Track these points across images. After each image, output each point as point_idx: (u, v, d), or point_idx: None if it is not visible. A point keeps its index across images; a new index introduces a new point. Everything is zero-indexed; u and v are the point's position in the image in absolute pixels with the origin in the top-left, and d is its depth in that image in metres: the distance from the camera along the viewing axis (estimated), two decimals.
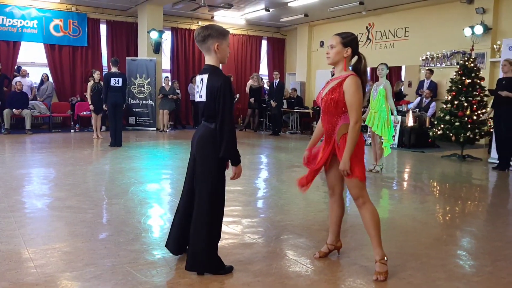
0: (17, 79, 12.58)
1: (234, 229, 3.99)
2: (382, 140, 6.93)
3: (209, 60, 2.97)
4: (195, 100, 3.19)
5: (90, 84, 10.82)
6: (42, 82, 13.26)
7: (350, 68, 3.08)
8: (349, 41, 3.00)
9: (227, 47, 2.97)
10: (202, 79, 2.94)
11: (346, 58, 3.01)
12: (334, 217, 3.30)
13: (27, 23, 12.96)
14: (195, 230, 2.92)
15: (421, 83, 12.20)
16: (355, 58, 3.06)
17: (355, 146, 2.90)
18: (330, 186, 3.25)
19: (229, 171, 3.02)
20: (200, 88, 2.96)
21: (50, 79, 13.41)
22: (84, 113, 12.88)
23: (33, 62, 13.74)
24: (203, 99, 2.92)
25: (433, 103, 11.39)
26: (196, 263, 2.92)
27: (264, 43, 17.46)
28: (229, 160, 2.97)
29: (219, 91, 2.82)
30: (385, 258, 2.99)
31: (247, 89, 14.53)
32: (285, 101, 14.32)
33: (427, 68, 12.18)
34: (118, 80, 9.53)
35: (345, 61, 3.01)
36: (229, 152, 2.87)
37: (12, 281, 2.80)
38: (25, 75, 12.89)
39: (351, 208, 4.47)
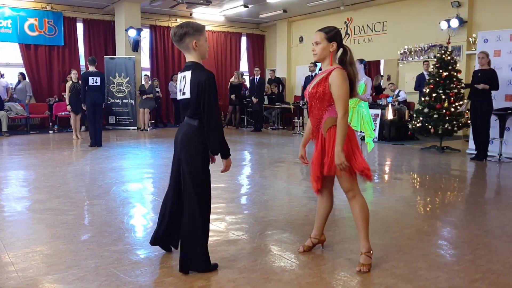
0: None
1: (218, 226, 3.99)
2: (362, 134, 6.98)
3: (189, 57, 2.94)
4: (176, 97, 3.16)
5: (68, 84, 10.65)
6: (19, 82, 12.99)
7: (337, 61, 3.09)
8: (333, 35, 3.01)
9: (205, 42, 2.95)
10: (184, 77, 2.91)
11: (332, 53, 3.02)
12: (321, 214, 3.32)
13: (0, 23, 12.65)
14: (190, 230, 2.87)
15: (422, 76, 11.22)
16: (340, 50, 3.07)
17: (345, 138, 2.88)
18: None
19: (214, 166, 3.01)
20: (183, 85, 2.93)
21: (27, 78, 13.13)
22: (63, 113, 12.66)
23: (8, 63, 13.43)
24: (187, 96, 2.90)
25: (402, 91, 11.49)
26: (193, 263, 2.89)
27: (243, 40, 17.42)
28: (214, 154, 2.96)
29: (204, 86, 2.80)
30: (371, 252, 3.03)
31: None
32: (266, 97, 14.33)
33: (424, 60, 11.81)
34: (96, 79, 9.40)
35: (331, 56, 3.02)
36: (219, 146, 2.87)
37: None
38: None
39: (334, 202, 4.49)
